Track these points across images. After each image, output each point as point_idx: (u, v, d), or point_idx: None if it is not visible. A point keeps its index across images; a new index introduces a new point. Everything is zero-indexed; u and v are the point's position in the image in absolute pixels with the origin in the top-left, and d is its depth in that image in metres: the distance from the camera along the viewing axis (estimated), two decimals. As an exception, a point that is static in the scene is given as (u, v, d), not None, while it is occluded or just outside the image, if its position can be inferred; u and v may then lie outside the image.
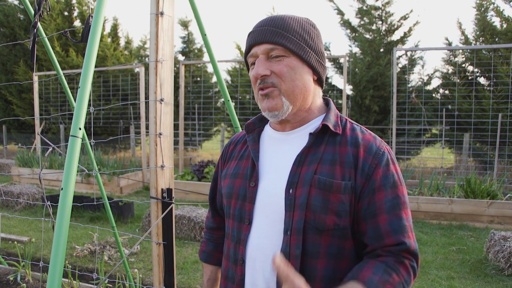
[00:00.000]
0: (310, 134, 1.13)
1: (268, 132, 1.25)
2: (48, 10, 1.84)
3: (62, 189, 1.14)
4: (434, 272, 4.10)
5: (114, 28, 14.13)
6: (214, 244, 1.45)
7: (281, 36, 1.09)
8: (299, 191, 1.09)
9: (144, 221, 5.49)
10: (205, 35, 2.17)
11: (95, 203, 1.92)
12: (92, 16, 1.58)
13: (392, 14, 10.83)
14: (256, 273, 1.14)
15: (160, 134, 1.65)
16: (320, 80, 1.19)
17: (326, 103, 1.25)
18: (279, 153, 1.19)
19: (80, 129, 1.22)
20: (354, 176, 1.08)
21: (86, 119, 1.32)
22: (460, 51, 9.89)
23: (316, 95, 1.20)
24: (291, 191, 1.10)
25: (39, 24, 1.94)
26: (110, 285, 3.48)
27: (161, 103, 1.65)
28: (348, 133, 1.15)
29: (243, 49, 11.82)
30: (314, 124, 1.18)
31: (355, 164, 1.09)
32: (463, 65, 9.89)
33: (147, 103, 9.20)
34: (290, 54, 1.11)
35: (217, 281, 1.44)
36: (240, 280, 1.18)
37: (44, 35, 2.51)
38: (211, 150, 14.42)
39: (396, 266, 1.05)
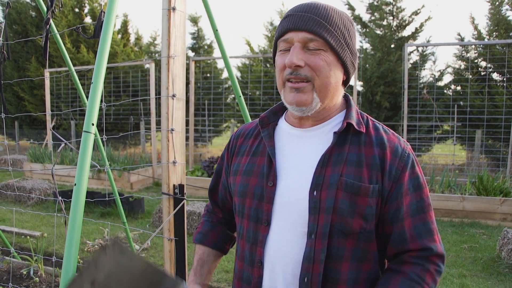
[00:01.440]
0: (335, 133, 1.08)
1: (283, 127, 1.19)
2: (60, 6, 1.85)
3: (75, 184, 1.14)
4: (446, 270, 4.06)
5: (124, 24, 14.18)
6: (211, 225, 1.39)
7: (323, 28, 1.02)
8: (325, 193, 1.05)
9: (154, 217, 5.51)
10: (217, 30, 2.17)
11: (106, 198, 1.93)
12: (104, 12, 1.58)
13: (404, 9, 10.72)
14: (275, 276, 1.11)
15: (172, 130, 1.65)
16: (347, 79, 1.14)
17: (346, 99, 1.20)
18: (299, 152, 1.13)
19: (93, 124, 1.22)
20: (381, 179, 1.06)
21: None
22: (473, 46, 9.76)
23: (340, 94, 1.16)
24: (315, 193, 1.05)
25: (51, 20, 1.95)
26: (121, 280, 3.50)
27: (173, 98, 1.65)
28: (372, 132, 1.11)
29: (253, 45, 11.65)
30: (335, 122, 1.13)
31: (382, 167, 1.06)
32: (476, 61, 9.76)
33: (157, 99, 9.23)
34: (328, 48, 1.04)
35: (208, 264, 1.35)
36: (258, 283, 1.14)
37: (56, 31, 2.52)
38: (221, 146, 14.44)
39: (421, 276, 1.05)
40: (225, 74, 13.18)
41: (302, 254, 1.06)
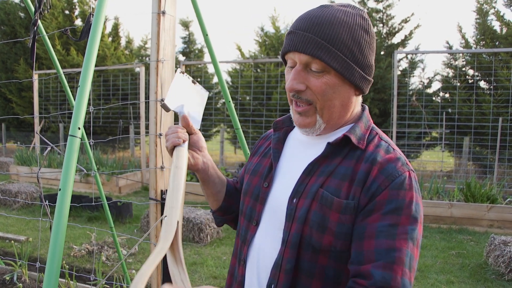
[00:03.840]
0: (328, 143, 1.03)
1: (295, 133, 1.17)
2: (48, 8, 1.82)
3: (60, 189, 1.12)
4: (434, 276, 4.08)
5: (115, 27, 14.11)
6: (234, 181, 1.39)
7: (325, 50, 0.96)
8: (302, 202, 1.01)
9: (142, 222, 5.47)
10: (207, 35, 2.16)
11: (93, 203, 1.90)
12: (93, 15, 1.56)
13: (393, 17, 10.83)
14: (253, 277, 1.11)
15: (160, 134, 1.63)
16: (362, 92, 1.07)
17: (363, 110, 1.12)
18: (299, 157, 1.10)
19: (79, 128, 1.20)
20: (359, 194, 0.96)
21: (85, 118, 1.30)
22: (461, 54, 9.89)
23: (356, 107, 1.09)
24: (294, 200, 1.02)
25: (39, 22, 1.92)
26: (108, 286, 3.46)
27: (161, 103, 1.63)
28: (371, 149, 1.02)
29: (244, 50, 11.69)
30: (340, 133, 1.06)
31: (364, 182, 0.96)
32: (464, 69, 9.89)
33: (147, 103, 9.18)
34: (331, 70, 0.98)
35: (215, 172, 1.32)
36: (241, 281, 1.14)
37: (44, 33, 2.49)
38: (210, 151, 14.38)
39: None
40: (215, 79, 13.16)
41: (274, 260, 1.05)
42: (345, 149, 1.03)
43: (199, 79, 12.63)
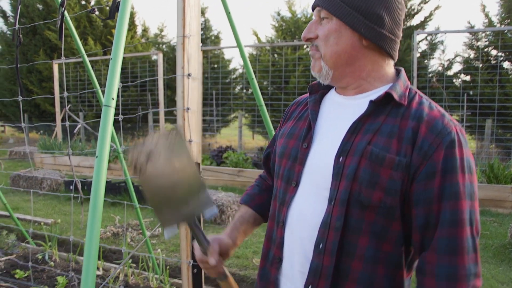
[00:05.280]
0: (371, 101, 1.05)
1: (331, 95, 1.19)
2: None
3: (97, 156, 1.16)
4: (456, 256, 4.07)
5: (131, 16, 14.18)
6: (260, 189, 1.39)
7: (327, 0, 1.07)
8: (349, 160, 1.02)
9: (165, 205, 5.55)
10: (229, 13, 2.17)
11: (117, 182, 1.95)
12: (119, -8, 1.60)
13: (413, -2, 10.63)
14: (294, 238, 1.11)
15: (188, 108, 1.66)
16: (378, 46, 1.07)
17: (398, 73, 1.14)
18: (338, 117, 1.12)
19: (113, 99, 1.23)
20: (411, 153, 0.98)
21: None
22: (483, 34, 9.66)
23: (378, 63, 1.10)
24: (341, 159, 1.03)
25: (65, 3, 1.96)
26: (134, 265, 3.55)
27: (188, 78, 1.66)
28: (414, 106, 1.03)
29: (260, 35, 11.62)
30: (378, 93, 1.08)
31: (414, 140, 0.98)
32: (486, 49, 9.67)
33: (165, 91, 9.26)
34: (332, 17, 1.06)
35: (246, 224, 1.34)
36: (280, 243, 1.15)
37: (68, 17, 2.54)
38: (229, 136, 14.47)
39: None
40: (232, 65, 13.18)
41: (321, 219, 1.05)
42: (388, 107, 1.05)
43: (216, 65, 12.66)
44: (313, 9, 1.13)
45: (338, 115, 1.13)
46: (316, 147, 1.11)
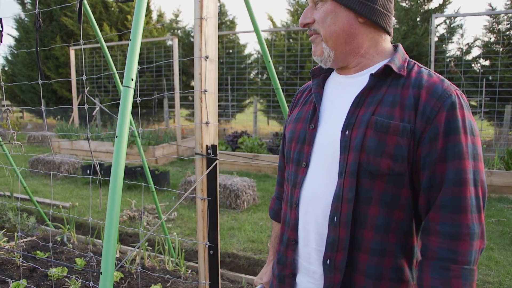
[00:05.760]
0: (371, 75, 1.08)
1: (333, 77, 1.23)
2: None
3: (116, 136, 1.17)
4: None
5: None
6: (281, 202, 1.44)
7: None
8: (355, 132, 1.05)
9: (180, 189, 5.62)
10: (246, -6, 2.15)
11: (133, 167, 1.97)
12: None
13: (431, -20, 10.39)
14: (308, 217, 1.14)
15: (205, 90, 1.66)
16: (374, 22, 1.11)
17: (395, 48, 1.18)
18: (340, 96, 1.16)
19: (132, 79, 1.24)
20: (414, 118, 1.01)
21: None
22: (505, 17, 9.41)
23: (374, 39, 1.13)
24: (347, 132, 1.06)
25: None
26: (150, 248, 3.61)
27: (206, 60, 1.66)
28: (413, 75, 1.07)
29: (276, 20, 11.47)
30: (378, 67, 1.13)
31: (416, 106, 1.01)
32: (508, 32, 9.43)
33: (180, 76, 9.27)
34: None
35: None
36: (294, 225, 1.18)
37: (85, 1, 2.55)
38: (244, 122, 14.48)
39: (452, 250, 0.97)
40: (248, 50, 13.10)
41: (333, 195, 1.08)
42: (388, 79, 1.08)
43: (231, 50, 12.61)
44: None
45: (341, 93, 1.16)
46: (322, 126, 1.15)
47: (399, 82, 1.07)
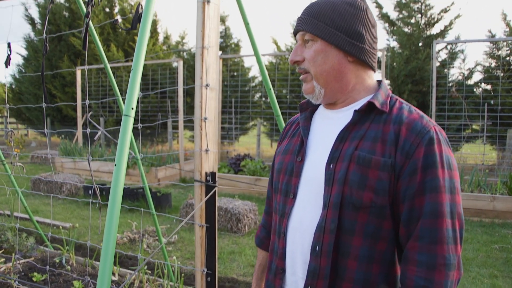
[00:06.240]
0: (355, 111, 1.14)
1: (320, 111, 1.28)
2: (99, 0, 1.91)
3: (115, 165, 1.19)
4: (476, 270, 3.99)
5: (154, 24, 14.42)
6: (267, 231, 1.47)
7: (311, 24, 1.15)
8: (339, 166, 1.10)
9: (181, 212, 5.60)
10: (248, 24, 2.20)
11: (135, 188, 1.99)
12: (141, 5, 1.64)
13: (432, 7, 10.56)
14: (295, 246, 1.18)
15: (205, 118, 1.69)
16: (361, 61, 1.16)
17: (379, 84, 1.24)
18: (328, 130, 1.20)
19: (132, 109, 1.26)
20: (394, 153, 1.06)
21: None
22: (504, 43, 9.51)
23: (361, 76, 1.19)
24: (331, 166, 1.11)
25: (90, 14, 2.01)
26: (149, 271, 3.58)
27: (206, 88, 1.69)
28: (395, 111, 1.13)
29: (280, 43, 11.67)
30: (362, 103, 1.18)
31: (396, 142, 1.06)
32: (508, 58, 9.51)
33: (184, 98, 9.35)
34: (317, 39, 1.15)
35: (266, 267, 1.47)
36: (282, 254, 1.21)
37: (92, 26, 2.61)
38: (247, 144, 14.50)
39: (428, 279, 1.01)
40: (252, 73, 13.25)
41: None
42: (371, 115, 1.13)
43: (235, 73, 12.74)
44: (295, 33, 1.21)
45: (327, 127, 1.21)
46: (309, 159, 1.19)
47: (381, 118, 1.12)
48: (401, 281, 1.07)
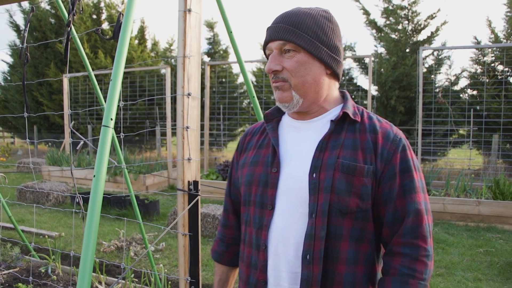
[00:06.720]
0: (331, 121, 1.18)
1: (286, 121, 1.29)
2: (81, 10, 1.92)
3: (94, 176, 1.19)
4: (461, 274, 4.03)
5: (141, 30, 14.39)
6: (226, 244, 1.44)
7: (293, 34, 1.14)
8: (323, 174, 1.13)
9: (169, 219, 5.58)
10: (231, 32, 2.21)
11: (123, 194, 1.98)
12: (122, 15, 1.64)
13: (419, 13, 10.68)
14: (279, 258, 1.17)
15: (187, 127, 1.69)
16: (335, 73, 1.22)
17: (343, 95, 1.29)
18: (300, 140, 1.22)
19: (111, 119, 1.27)
20: (375, 160, 1.13)
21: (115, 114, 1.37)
22: (490, 50, 9.67)
23: (331, 88, 1.24)
24: (314, 175, 1.13)
25: (71, 23, 2.02)
26: (136, 279, 3.56)
27: (188, 97, 1.69)
28: (366, 121, 1.20)
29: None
30: (333, 113, 1.23)
31: (375, 150, 1.14)
32: (493, 64, 9.66)
33: (172, 105, 9.33)
34: (301, 50, 1.15)
35: (228, 282, 1.46)
36: (263, 266, 1.20)
37: (75, 34, 2.61)
38: (234, 150, 14.45)
39: (411, 268, 1.10)
40: (240, 79, 13.26)
41: (304, 234, 1.14)
42: (344, 125, 1.19)
43: (224, 80, 12.76)
44: (270, 41, 1.19)
45: (300, 138, 1.23)
46: (286, 170, 1.20)
47: (355, 127, 1.18)
48: (384, 272, 1.15)
